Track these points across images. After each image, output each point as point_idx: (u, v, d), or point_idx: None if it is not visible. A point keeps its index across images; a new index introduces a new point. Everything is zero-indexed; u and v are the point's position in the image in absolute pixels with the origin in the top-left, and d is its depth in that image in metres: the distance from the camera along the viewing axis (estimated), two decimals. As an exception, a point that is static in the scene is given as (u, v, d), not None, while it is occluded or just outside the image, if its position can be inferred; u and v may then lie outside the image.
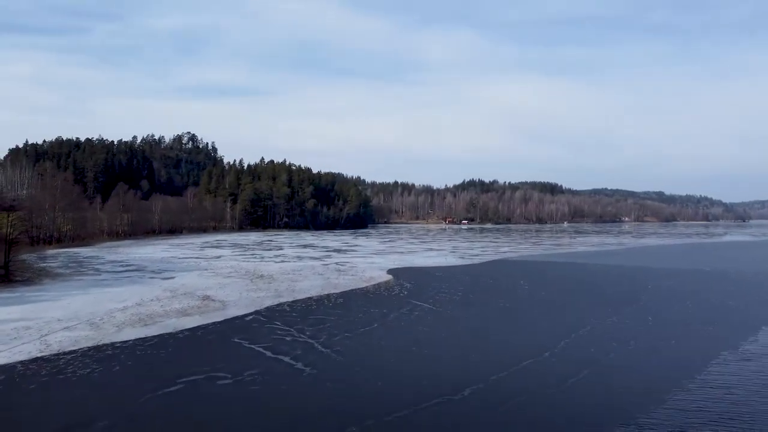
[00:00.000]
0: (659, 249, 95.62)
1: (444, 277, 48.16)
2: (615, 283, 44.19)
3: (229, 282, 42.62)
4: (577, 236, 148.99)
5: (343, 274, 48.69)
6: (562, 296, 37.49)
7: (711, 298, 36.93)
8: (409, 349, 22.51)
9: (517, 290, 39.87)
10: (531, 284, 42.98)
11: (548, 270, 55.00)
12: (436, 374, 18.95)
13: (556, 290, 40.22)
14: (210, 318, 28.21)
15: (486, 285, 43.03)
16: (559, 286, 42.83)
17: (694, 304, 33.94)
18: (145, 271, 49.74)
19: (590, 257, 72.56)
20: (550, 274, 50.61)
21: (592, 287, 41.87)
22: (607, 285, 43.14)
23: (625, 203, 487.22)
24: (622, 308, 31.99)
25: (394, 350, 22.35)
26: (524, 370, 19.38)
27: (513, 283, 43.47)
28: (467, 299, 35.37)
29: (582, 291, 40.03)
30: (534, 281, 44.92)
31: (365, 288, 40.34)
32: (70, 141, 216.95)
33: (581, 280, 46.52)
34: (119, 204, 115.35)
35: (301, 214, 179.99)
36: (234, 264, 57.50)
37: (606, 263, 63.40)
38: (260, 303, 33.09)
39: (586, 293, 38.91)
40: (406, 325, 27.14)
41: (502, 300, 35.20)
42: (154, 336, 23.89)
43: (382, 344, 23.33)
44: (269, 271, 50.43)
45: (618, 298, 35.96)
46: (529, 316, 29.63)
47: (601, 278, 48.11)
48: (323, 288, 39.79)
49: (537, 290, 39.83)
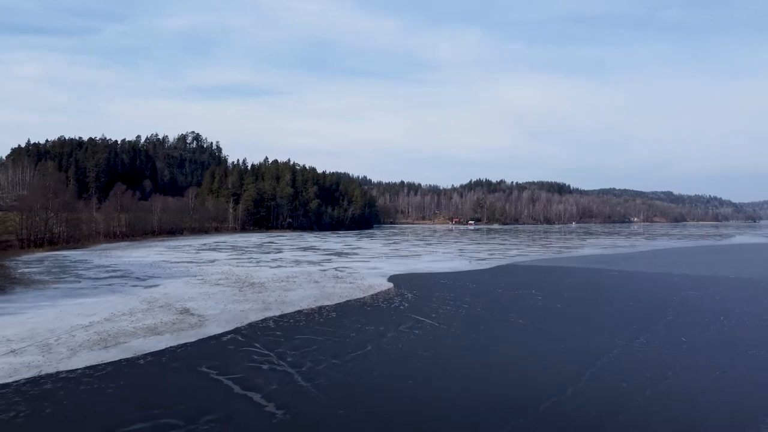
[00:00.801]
0: (674, 252, 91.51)
1: (449, 285, 44.60)
2: (636, 294, 40.46)
3: (215, 291, 39.27)
4: (587, 237, 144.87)
5: (341, 282, 45.23)
6: (581, 310, 33.84)
7: (748, 313, 33.15)
8: (406, 382, 19.01)
9: (530, 302, 36.25)
10: (545, 295, 39.34)
11: (562, 277, 51.29)
12: (437, 417, 15.45)
13: (573, 302, 36.56)
14: (182, 338, 24.82)
15: (495, 295, 39.42)
16: (575, 297, 39.17)
17: (730, 322, 30.19)
18: (129, 278, 46.51)
19: (605, 262, 68.69)
20: (565, 283, 46.90)
21: (612, 299, 38.18)
22: (629, 296, 39.43)
23: (633, 203, 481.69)
24: (649, 327, 28.31)
25: (388, 384, 18.86)
26: (542, 416, 15.82)
27: (525, 294, 39.84)
28: (474, 314, 31.81)
29: (602, 304, 36.35)
30: (548, 291, 41.26)
31: (362, 299, 36.84)
32: (73, 140, 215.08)
33: (599, 290, 42.81)
34: (117, 204, 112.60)
35: (305, 214, 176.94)
36: (226, 269, 54.19)
37: (622, 269, 59.55)
38: (244, 318, 29.68)
39: (607, 306, 35.23)
40: (404, 348, 23.63)
41: (513, 314, 31.60)
42: (109, 363, 20.50)
43: (374, 375, 19.83)
44: (262, 278, 47.06)
45: (643, 314, 32.27)
46: (545, 338, 26.04)
47: (621, 288, 44.37)
48: (316, 299, 36.33)
49: (552, 302, 36.19)
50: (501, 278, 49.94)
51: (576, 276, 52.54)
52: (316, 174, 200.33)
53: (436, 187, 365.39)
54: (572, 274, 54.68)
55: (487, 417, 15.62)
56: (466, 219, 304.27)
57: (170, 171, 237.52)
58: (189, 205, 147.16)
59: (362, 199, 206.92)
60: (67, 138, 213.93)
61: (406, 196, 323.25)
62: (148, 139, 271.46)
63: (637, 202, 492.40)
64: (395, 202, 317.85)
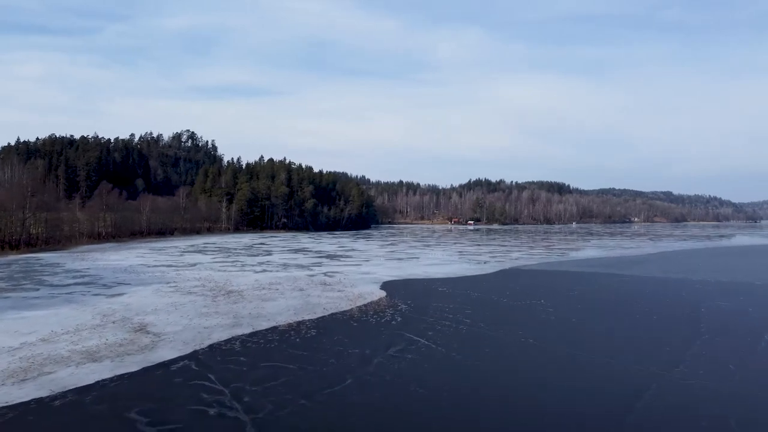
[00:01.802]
0: (684, 255, 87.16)
1: (448, 293, 40.20)
2: (659, 306, 36.09)
3: (185, 301, 34.85)
4: (590, 238, 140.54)
5: (328, 290, 40.79)
6: (600, 326, 29.47)
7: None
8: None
9: (541, 316, 31.85)
10: (556, 306, 34.94)
11: (572, 284, 46.89)
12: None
13: (589, 316, 32.18)
14: (124, 365, 20.41)
15: (500, 307, 35.01)
16: (590, 309, 34.78)
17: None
18: (94, 285, 42.05)
19: (614, 265, 64.30)
20: (576, 291, 42.49)
21: (632, 311, 33.80)
22: (650, 308, 35.06)
23: (634, 203, 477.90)
24: (684, 349, 23.95)
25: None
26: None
27: (533, 305, 35.45)
28: (477, 332, 27.41)
29: (622, 317, 31.97)
30: (558, 301, 36.88)
31: (349, 312, 32.42)
32: (64, 139, 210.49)
33: (616, 301, 38.43)
34: (102, 204, 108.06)
35: (300, 214, 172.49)
36: (206, 275, 49.74)
37: (635, 274, 55.16)
38: (206, 337, 25.26)
39: (629, 321, 30.85)
40: (392, 381, 19.23)
41: (522, 332, 27.20)
42: (12, 406, 16.08)
43: (351, 424, 15.43)
44: (241, 286, 42.62)
45: (673, 331, 27.92)
46: (563, 365, 21.68)
47: (639, 297, 39.98)
48: (297, 311, 31.91)
49: (565, 315, 31.80)
50: (505, 285, 45.54)
51: (587, 282, 48.15)
52: (312, 173, 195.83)
53: (435, 186, 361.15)
54: (582, 280, 50.30)
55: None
56: (465, 219, 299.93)
57: (164, 170, 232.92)
58: (180, 204, 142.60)
59: (359, 198, 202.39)
60: (58, 136, 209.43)
61: (404, 196, 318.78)
62: (142, 138, 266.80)
63: (637, 202, 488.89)
64: (394, 202, 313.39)
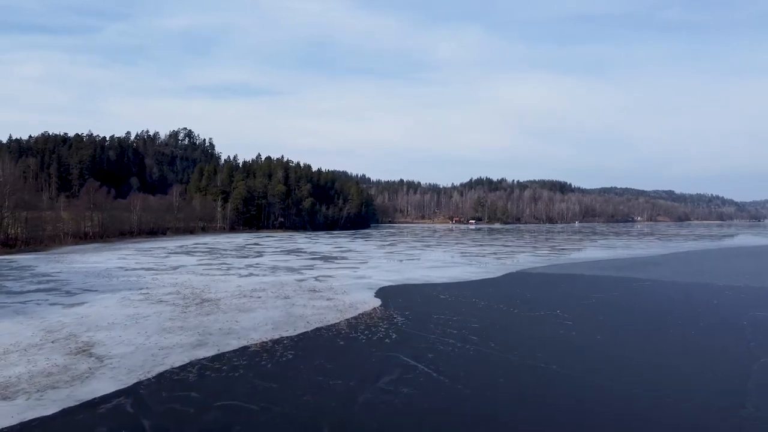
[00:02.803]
0: (698, 256, 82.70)
1: (451, 302, 35.80)
2: (691, 318, 31.68)
3: (150, 313, 30.47)
4: (596, 238, 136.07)
5: (316, 298, 36.39)
6: (630, 345, 25.04)
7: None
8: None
9: (559, 331, 27.43)
10: (574, 318, 30.53)
11: (587, 290, 42.44)
12: None
13: (616, 331, 27.75)
14: (41, 406, 16.02)
15: (510, 319, 30.58)
16: (614, 321, 30.35)
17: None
18: (57, 292, 37.69)
19: (628, 268, 59.86)
20: (594, 299, 38.04)
21: (663, 326, 29.39)
22: (683, 321, 30.66)
23: (636, 202, 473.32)
24: (743, 380, 19.55)
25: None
26: None
27: (548, 317, 31.04)
28: (488, 353, 23.01)
29: (653, 334, 27.55)
30: (576, 312, 32.47)
31: (337, 326, 28.00)
32: (57, 136, 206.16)
33: (641, 311, 34.02)
34: (89, 203, 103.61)
35: (297, 213, 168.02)
36: (184, 280, 45.35)
37: (653, 278, 50.71)
38: (159, 362, 20.88)
39: (662, 340, 26.44)
40: (381, 428, 14.82)
41: (541, 354, 22.80)
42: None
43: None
44: (220, 293, 38.23)
45: (719, 353, 23.53)
46: (595, 405, 17.23)
47: (666, 306, 35.57)
48: (276, 326, 27.52)
49: (587, 331, 27.39)
50: (513, 292, 41.11)
51: (603, 288, 43.70)
52: (310, 171, 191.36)
53: (436, 185, 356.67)
54: (598, 285, 45.86)
55: None
56: (466, 218, 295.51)
57: (159, 168, 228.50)
58: (173, 203, 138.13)
59: (359, 197, 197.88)
60: (51, 134, 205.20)
61: (405, 195, 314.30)
62: (138, 136, 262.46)
63: (640, 201, 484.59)
64: (394, 201, 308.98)
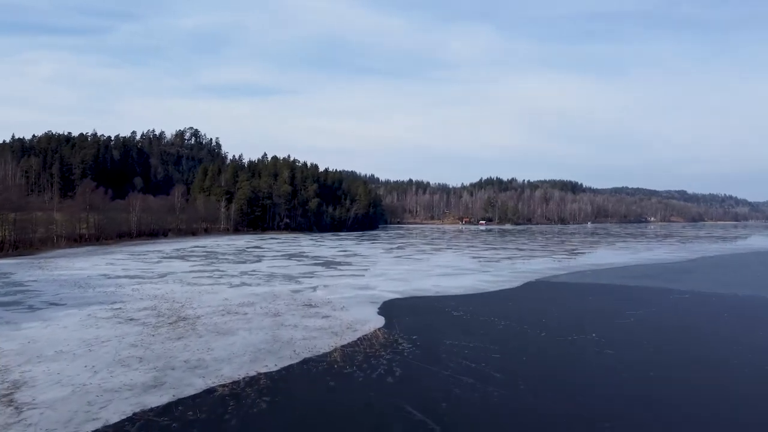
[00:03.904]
0: (731, 261, 76.94)
1: (465, 321, 30.77)
2: (755, 341, 26.40)
3: (113, 336, 25.73)
4: (614, 240, 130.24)
5: (310, 316, 31.50)
6: (685, 377, 19.89)
7: None
8: None
9: (600, 363, 22.31)
10: (615, 344, 25.37)
11: (622, 305, 37.18)
12: None
13: (665, 360, 22.55)
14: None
15: (540, 348, 25.41)
16: (659, 346, 25.13)
17: None
18: (15, 307, 33.09)
19: (659, 276, 54.43)
20: (633, 317, 32.80)
21: (720, 350, 24.15)
22: (741, 342, 25.41)
23: (649, 202, 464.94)
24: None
25: None
26: None
27: (585, 343, 25.89)
28: (518, 398, 17.97)
29: (713, 358, 22.35)
30: (617, 336, 27.31)
31: (330, 356, 23.05)
32: (60, 136, 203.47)
33: (687, 330, 28.79)
34: (85, 204, 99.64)
35: (303, 214, 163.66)
36: (167, 291, 40.64)
37: (692, 289, 45.24)
38: (93, 415, 16.03)
39: (725, 367, 21.21)
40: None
41: (582, 398, 17.72)
42: None
43: None
44: (203, 308, 33.46)
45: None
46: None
47: (719, 327, 30.32)
48: (256, 356, 22.65)
49: (634, 364, 22.24)
50: (537, 307, 35.98)
51: (639, 302, 38.42)
52: (317, 171, 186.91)
53: (446, 185, 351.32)
54: (631, 298, 40.57)
55: None
56: (476, 219, 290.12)
57: (164, 168, 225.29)
58: (175, 204, 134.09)
59: (366, 197, 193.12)
60: (54, 133, 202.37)
61: (414, 195, 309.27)
62: (143, 136, 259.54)
63: (652, 201, 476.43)
64: (403, 202, 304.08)
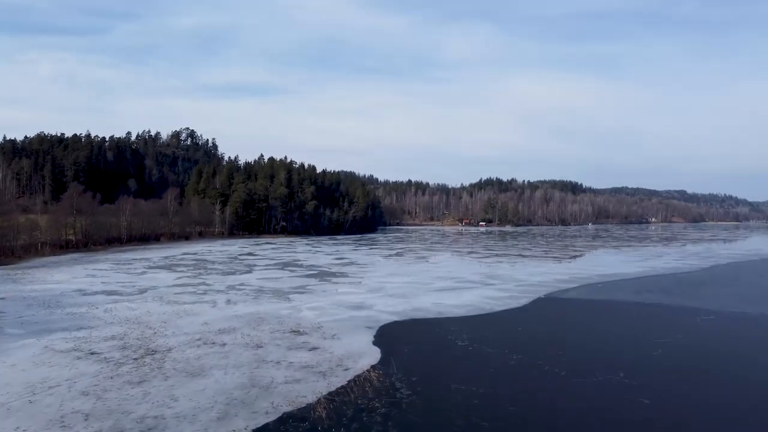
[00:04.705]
0: (748, 270, 73.28)
1: (472, 353, 27.12)
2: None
3: (64, 380, 22.07)
4: (619, 245, 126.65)
5: (296, 348, 27.79)
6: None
7: None
8: None
9: (636, 418, 18.67)
10: (647, 389, 21.70)
11: (643, 331, 33.51)
12: None
13: (716, 413, 18.95)
14: None
15: (558, 394, 21.74)
16: (700, 390, 21.51)
17: None
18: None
19: (676, 291, 50.74)
20: (658, 347, 29.09)
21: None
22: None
23: (650, 203, 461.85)
24: None
25: None
26: None
27: (610, 387, 22.24)
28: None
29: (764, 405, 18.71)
30: (644, 375, 23.66)
31: (314, 410, 19.33)
32: (53, 137, 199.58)
33: (724, 366, 25.20)
34: (71, 208, 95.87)
35: (300, 217, 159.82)
36: (142, 313, 36.89)
37: (718, 308, 41.49)
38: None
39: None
40: None
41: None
42: None
43: None
44: (177, 336, 29.76)
45: None
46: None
47: (760, 360, 26.67)
48: (227, 409, 18.93)
49: (678, 418, 18.61)
50: (550, 335, 32.31)
51: (662, 327, 34.76)
52: (314, 172, 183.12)
53: (445, 186, 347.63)
54: (653, 321, 36.93)
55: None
56: (476, 220, 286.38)
57: (159, 170, 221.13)
58: (168, 207, 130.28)
59: (365, 199, 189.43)
60: (47, 134, 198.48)
61: (413, 196, 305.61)
62: (139, 136, 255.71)
63: (653, 201, 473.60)
64: (402, 202, 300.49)
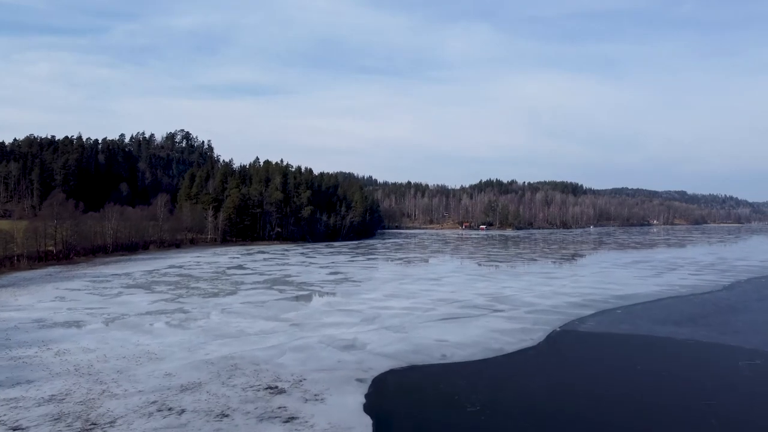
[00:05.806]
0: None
1: (485, 424, 22.07)
2: None
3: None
4: (627, 251, 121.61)
5: (269, 417, 22.58)
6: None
7: None
8: None
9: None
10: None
11: (683, 384, 28.44)
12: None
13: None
14: None
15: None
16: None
17: None
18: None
19: (703, 321, 45.65)
20: (711, 415, 24.11)
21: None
22: None
23: (651, 204, 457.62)
24: None
25: None
26: None
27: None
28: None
29: None
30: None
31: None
32: (43, 139, 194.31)
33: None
34: (53, 216, 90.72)
35: (296, 223, 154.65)
36: (99, 356, 31.72)
37: (762, 348, 36.57)
38: None
39: None
40: None
41: None
42: None
43: None
44: (129, 396, 24.61)
45: None
46: None
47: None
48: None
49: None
50: (577, 392, 27.25)
51: (707, 375, 29.77)
52: (311, 176, 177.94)
53: (444, 187, 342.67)
54: (691, 367, 31.89)
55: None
56: (477, 223, 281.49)
57: (153, 173, 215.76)
58: (157, 214, 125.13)
59: (362, 204, 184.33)
60: (36, 136, 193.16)
61: (413, 198, 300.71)
62: (133, 138, 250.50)
63: (654, 203, 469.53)
64: (401, 205, 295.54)
